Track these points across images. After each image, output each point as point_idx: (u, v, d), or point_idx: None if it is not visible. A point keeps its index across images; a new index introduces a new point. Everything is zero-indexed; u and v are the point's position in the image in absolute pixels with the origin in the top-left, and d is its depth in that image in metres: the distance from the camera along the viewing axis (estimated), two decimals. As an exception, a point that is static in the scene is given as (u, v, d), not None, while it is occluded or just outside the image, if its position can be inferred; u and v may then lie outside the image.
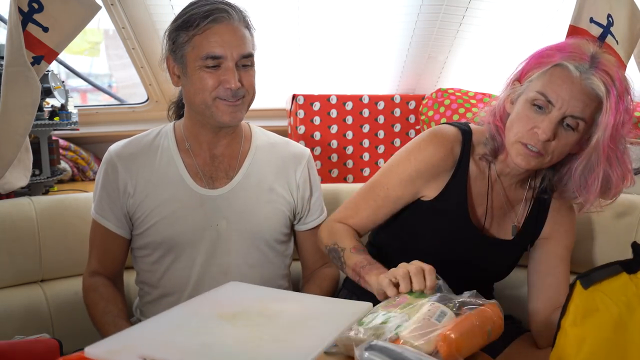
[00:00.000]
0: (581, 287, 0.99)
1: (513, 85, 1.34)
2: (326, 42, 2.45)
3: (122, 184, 1.43)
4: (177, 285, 1.45)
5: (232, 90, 1.35)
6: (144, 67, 2.37)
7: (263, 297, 1.08)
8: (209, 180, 1.46)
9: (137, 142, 1.48)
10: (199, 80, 1.36)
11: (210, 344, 0.87)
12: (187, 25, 1.36)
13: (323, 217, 1.58)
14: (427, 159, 1.37)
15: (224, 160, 1.48)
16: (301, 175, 1.53)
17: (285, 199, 1.51)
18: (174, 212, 1.42)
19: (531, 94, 1.26)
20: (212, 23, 1.34)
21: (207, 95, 1.36)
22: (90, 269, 1.49)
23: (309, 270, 1.62)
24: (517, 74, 1.35)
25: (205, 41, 1.34)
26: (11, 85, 1.51)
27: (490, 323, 1.02)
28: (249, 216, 1.46)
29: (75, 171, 2.41)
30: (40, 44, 1.55)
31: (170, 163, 1.45)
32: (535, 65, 1.29)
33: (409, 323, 0.97)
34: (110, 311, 1.40)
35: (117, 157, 1.45)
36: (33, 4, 1.52)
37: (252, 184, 1.48)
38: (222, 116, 1.38)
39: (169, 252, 1.44)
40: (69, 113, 2.04)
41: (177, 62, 1.40)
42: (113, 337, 0.89)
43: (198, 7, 1.37)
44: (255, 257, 1.47)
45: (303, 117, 2.31)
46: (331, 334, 0.90)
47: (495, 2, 2.27)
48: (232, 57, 1.35)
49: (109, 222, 1.45)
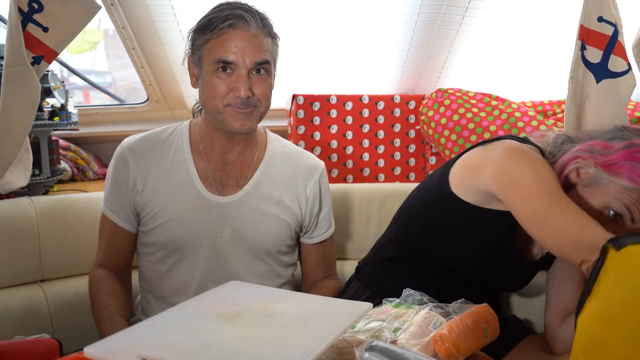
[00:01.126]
0: (614, 250, 0.91)
1: (587, 160, 1.28)
2: (326, 42, 2.45)
3: (132, 179, 1.43)
4: (178, 289, 1.44)
5: (242, 98, 1.33)
6: (143, 67, 2.37)
7: (263, 297, 1.08)
8: (218, 187, 1.44)
9: (151, 138, 1.47)
10: (211, 85, 1.35)
11: (210, 344, 0.87)
12: (206, 28, 1.35)
13: (330, 232, 1.58)
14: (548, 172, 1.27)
15: (235, 167, 1.46)
16: (312, 190, 1.51)
17: (292, 211, 1.49)
18: (180, 215, 1.42)
19: (614, 204, 1.24)
20: (229, 28, 1.32)
21: (219, 102, 1.35)
22: (98, 261, 1.49)
23: (310, 280, 1.61)
24: (599, 156, 1.28)
25: (219, 46, 1.33)
26: (11, 85, 1.51)
27: (484, 321, 1.03)
28: (254, 227, 1.44)
29: (75, 171, 2.41)
30: (40, 44, 1.55)
31: (181, 164, 1.44)
32: (629, 172, 1.23)
33: (406, 328, 0.97)
34: (108, 305, 1.40)
35: (129, 152, 1.44)
36: (33, 4, 1.51)
37: (262, 195, 1.46)
38: (232, 123, 1.36)
39: (172, 254, 1.44)
40: (69, 113, 2.04)
41: (195, 64, 1.39)
42: (112, 337, 0.89)
43: (219, 11, 1.36)
44: (257, 267, 1.47)
45: (303, 117, 2.31)
46: (331, 334, 0.90)
47: (495, 2, 2.26)
48: (245, 64, 1.33)
49: (116, 216, 1.45)
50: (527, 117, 2.19)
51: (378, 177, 2.40)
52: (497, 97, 2.28)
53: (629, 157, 1.24)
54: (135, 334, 0.93)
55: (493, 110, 2.21)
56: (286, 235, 1.49)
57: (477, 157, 1.36)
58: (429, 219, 1.42)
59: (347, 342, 0.97)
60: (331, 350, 0.96)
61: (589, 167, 1.28)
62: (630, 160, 1.24)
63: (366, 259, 1.57)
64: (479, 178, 1.32)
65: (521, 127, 2.15)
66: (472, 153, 1.39)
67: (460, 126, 2.20)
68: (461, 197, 1.35)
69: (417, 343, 0.95)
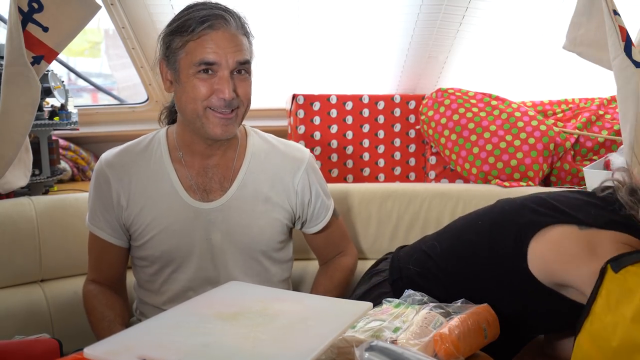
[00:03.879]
0: (612, 271, 0.95)
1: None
2: (326, 42, 2.45)
3: (116, 195, 1.41)
4: (176, 297, 1.43)
5: (226, 100, 1.30)
6: (143, 67, 2.37)
7: (263, 297, 1.08)
8: (202, 193, 1.42)
9: (129, 150, 1.44)
10: (191, 88, 1.31)
11: (210, 344, 0.87)
12: (182, 30, 1.31)
13: (329, 216, 1.55)
14: None
15: (217, 172, 1.43)
16: (300, 182, 1.47)
17: (282, 207, 1.46)
18: (169, 226, 1.40)
19: None
20: (208, 29, 1.29)
21: (199, 105, 1.31)
22: (90, 277, 1.49)
23: (323, 260, 1.61)
24: None
25: (199, 47, 1.29)
26: (11, 85, 1.51)
27: (484, 321, 1.03)
28: (244, 229, 1.42)
29: (75, 171, 2.41)
30: (40, 44, 1.55)
31: (163, 174, 1.41)
32: None
33: (406, 328, 0.97)
34: (107, 316, 1.40)
35: (109, 168, 1.41)
36: (33, 4, 1.51)
37: (247, 195, 1.43)
38: (213, 129, 1.33)
39: (167, 265, 1.43)
40: (68, 113, 2.04)
41: (170, 67, 1.35)
42: (112, 337, 0.89)
43: (194, 12, 1.31)
44: (252, 268, 1.45)
45: (303, 117, 2.31)
46: (331, 334, 0.90)
47: (495, 2, 2.26)
48: (227, 64, 1.30)
49: (105, 233, 1.43)
50: (527, 117, 2.18)
51: (378, 177, 2.40)
52: (497, 97, 2.28)
53: None
54: (135, 334, 0.94)
55: (493, 110, 2.21)
56: (278, 232, 1.46)
57: (575, 247, 1.19)
58: (492, 281, 1.29)
59: (347, 341, 0.97)
60: (331, 350, 0.96)
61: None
62: None
63: (405, 256, 1.50)
64: (572, 272, 1.17)
65: (521, 127, 2.15)
66: (563, 233, 1.22)
67: (460, 126, 2.20)
68: (540, 279, 1.22)
69: (417, 343, 0.95)
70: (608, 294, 0.95)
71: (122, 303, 1.47)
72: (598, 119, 2.29)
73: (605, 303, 0.95)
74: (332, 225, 1.57)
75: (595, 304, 0.96)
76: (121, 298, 1.49)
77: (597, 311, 0.95)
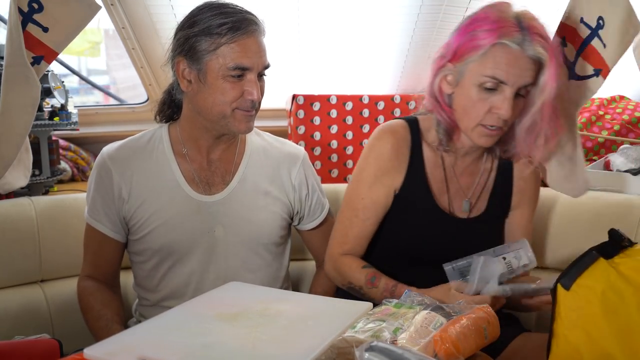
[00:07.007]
0: (564, 290, 0.97)
1: (444, 65, 1.37)
2: (326, 42, 2.45)
3: (117, 188, 1.41)
4: (176, 292, 1.44)
5: (255, 101, 1.35)
6: (143, 67, 2.37)
7: (263, 297, 1.08)
8: (205, 186, 1.44)
9: (130, 145, 1.46)
10: (220, 90, 1.33)
11: (210, 345, 0.87)
12: (211, 32, 1.31)
13: (325, 213, 1.59)
14: (383, 153, 1.43)
15: (220, 165, 1.46)
16: (296, 177, 1.51)
17: (281, 201, 1.49)
18: (170, 219, 1.41)
19: (480, 78, 1.30)
20: (243, 35, 1.31)
21: (227, 107, 1.34)
22: (85, 273, 1.49)
23: (320, 260, 1.63)
24: (447, 54, 1.36)
25: (234, 52, 1.31)
26: (11, 85, 1.51)
27: (485, 322, 1.03)
28: (245, 222, 1.44)
29: (75, 171, 2.41)
30: (40, 44, 1.55)
31: (165, 168, 1.43)
32: (470, 48, 1.31)
33: (406, 328, 0.97)
34: (104, 315, 1.40)
35: (110, 161, 1.42)
36: (33, 4, 1.51)
37: (248, 189, 1.46)
38: (239, 126, 1.37)
39: (166, 259, 1.43)
40: (68, 113, 2.04)
41: (193, 68, 1.34)
42: (112, 338, 0.89)
43: (223, 15, 1.31)
44: (253, 262, 1.47)
45: (303, 117, 2.31)
46: (331, 334, 0.90)
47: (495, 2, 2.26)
48: (257, 68, 1.34)
49: (104, 227, 1.44)
50: (527, 117, 2.18)
51: (378, 177, 2.40)
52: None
53: (463, 34, 1.32)
54: (135, 334, 0.93)
55: (493, 111, 2.21)
56: (278, 225, 1.49)
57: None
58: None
59: (347, 342, 0.97)
60: (331, 350, 0.96)
61: (448, 70, 1.35)
62: (465, 34, 1.32)
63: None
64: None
65: (521, 127, 2.15)
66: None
67: (460, 126, 2.20)
68: None
69: (417, 343, 0.94)
70: (566, 311, 0.97)
71: (118, 301, 1.48)
72: (598, 119, 2.29)
73: (566, 323, 0.97)
74: (329, 223, 1.60)
75: (555, 324, 0.98)
76: (117, 295, 1.49)
77: (559, 331, 0.97)
